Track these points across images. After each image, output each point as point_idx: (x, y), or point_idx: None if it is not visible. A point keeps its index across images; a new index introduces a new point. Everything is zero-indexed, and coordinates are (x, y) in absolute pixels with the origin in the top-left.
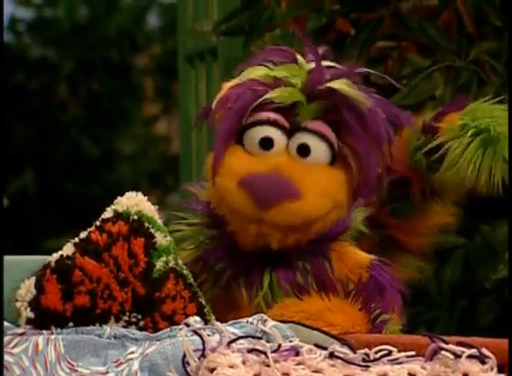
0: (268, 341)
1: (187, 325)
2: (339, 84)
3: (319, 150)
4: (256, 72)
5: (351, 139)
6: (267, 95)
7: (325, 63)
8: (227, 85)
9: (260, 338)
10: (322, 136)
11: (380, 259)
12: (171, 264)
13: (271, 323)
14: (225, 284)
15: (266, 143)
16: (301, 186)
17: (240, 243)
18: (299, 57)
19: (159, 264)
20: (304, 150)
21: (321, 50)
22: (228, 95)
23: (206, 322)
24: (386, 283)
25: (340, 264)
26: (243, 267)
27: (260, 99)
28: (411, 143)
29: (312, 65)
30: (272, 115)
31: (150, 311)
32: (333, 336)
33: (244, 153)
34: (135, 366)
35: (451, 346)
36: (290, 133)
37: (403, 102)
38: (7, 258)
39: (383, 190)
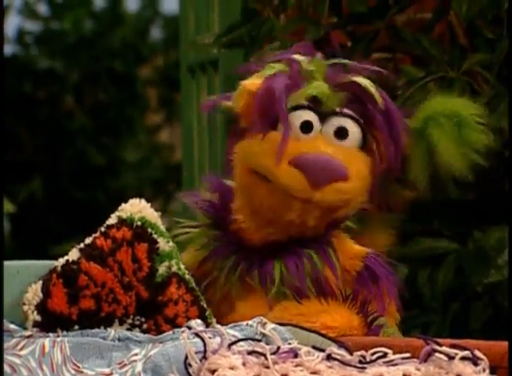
0: (267, 344)
1: (189, 328)
2: (361, 79)
3: (355, 133)
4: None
5: (374, 129)
6: (309, 91)
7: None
8: (260, 77)
9: (259, 341)
10: (356, 120)
11: (377, 253)
12: (174, 269)
13: (270, 325)
14: (239, 278)
15: (306, 127)
16: (347, 167)
17: (248, 238)
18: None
19: (162, 269)
20: (342, 133)
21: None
22: (267, 88)
23: (207, 325)
24: (381, 274)
25: (338, 252)
26: (255, 260)
27: (302, 94)
28: None
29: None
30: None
31: (153, 314)
32: (330, 338)
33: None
34: (139, 367)
35: (444, 348)
36: (323, 118)
37: None
38: (14, 263)
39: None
